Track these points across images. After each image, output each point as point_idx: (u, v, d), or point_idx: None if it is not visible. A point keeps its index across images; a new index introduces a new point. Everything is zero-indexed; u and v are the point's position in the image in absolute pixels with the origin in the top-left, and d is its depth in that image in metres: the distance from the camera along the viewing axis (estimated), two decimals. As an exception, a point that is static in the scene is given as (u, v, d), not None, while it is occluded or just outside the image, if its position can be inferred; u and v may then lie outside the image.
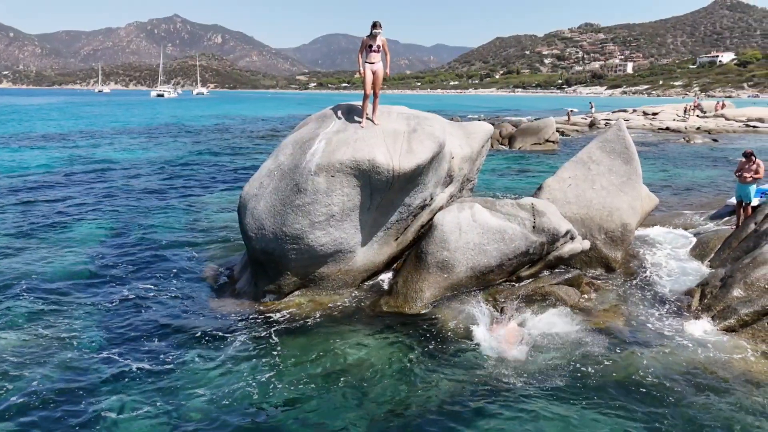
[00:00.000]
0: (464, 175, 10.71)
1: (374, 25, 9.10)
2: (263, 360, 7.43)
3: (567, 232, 9.66)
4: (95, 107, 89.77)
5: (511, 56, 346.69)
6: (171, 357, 7.52)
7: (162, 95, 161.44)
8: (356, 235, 9.13)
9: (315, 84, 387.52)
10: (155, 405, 6.39)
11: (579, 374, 7.00)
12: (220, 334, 8.22)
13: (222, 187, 20.59)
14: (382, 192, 8.87)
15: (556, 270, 9.77)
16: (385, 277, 9.87)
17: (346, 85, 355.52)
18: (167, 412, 6.27)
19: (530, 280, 9.39)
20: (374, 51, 9.23)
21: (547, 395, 6.54)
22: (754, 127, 44.57)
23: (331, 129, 9.24)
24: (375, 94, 9.34)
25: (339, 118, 9.54)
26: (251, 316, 8.91)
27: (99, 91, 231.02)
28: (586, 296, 9.37)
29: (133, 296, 9.67)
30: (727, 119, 47.40)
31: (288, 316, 8.90)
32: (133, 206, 16.83)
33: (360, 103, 9.65)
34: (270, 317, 8.85)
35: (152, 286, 10.15)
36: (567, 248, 9.62)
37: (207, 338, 8.07)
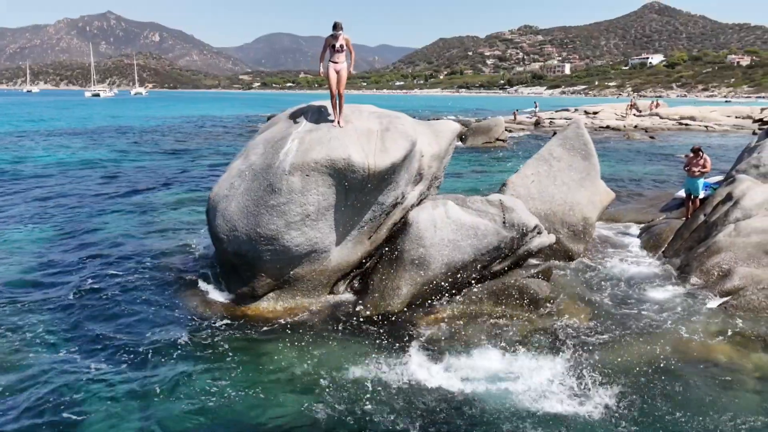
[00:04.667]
0: (433, 173, 10.81)
1: (335, 26, 9.07)
2: (236, 366, 7.21)
3: (535, 227, 9.91)
4: (26, 108, 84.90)
5: (454, 57, 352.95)
6: (133, 366, 7.19)
7: (98, 95, 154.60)
8: (331, 235, 9.06)
9: (259, 84, 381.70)
10: (114, 414, 6.16)
11: (556, 368, 7.14)
12: (191, 340, 7.91)
13: (174, 189, 19.93)
14: (357, 191, 8.85)
15: (525, 264, 10.03)
16: (360, 277, 9.84)
17: (291, 84, 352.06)
18: (126, 422, 6.04)
19: (503, 274, 9.59)
20: (338, 51, 9.20)
21: (532, 392, 6.62)
22: (686, 125, 47.22)
23: (302, 128, 9.13)
24: (339, 94, 9.26)
25: (309, 117, 9.44)
26: (223, 321, 8.66)
27: (27, 91, 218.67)
28: (555, 288, 9.66)
29: (89, 304, 9.13)
30: (661, 118, 49.97)
31: (262, 318, 8.74)
32: (80, 210, 16.02)
33: (328, 102, 9.59)
34: (243, 321, 8.64)
35: (109, 293, 9.59)
36: (536, 242, 9.88)
37: (175, 345, 7.73)
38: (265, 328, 8.39)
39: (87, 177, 22.07)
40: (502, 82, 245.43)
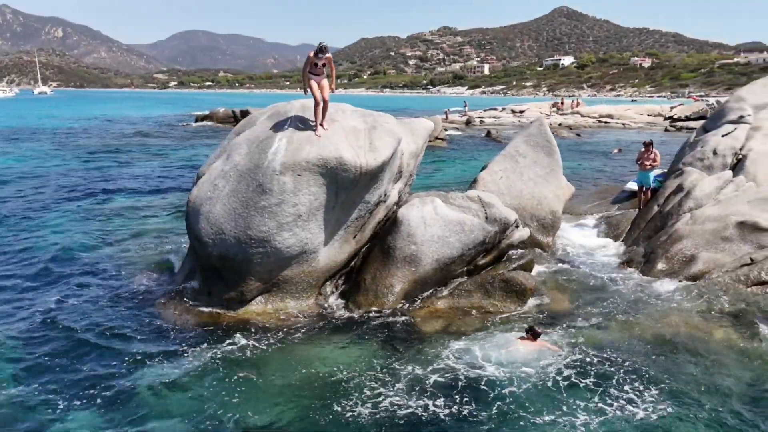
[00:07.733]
0: (410, 171, 10.88)
1: (321, 50, 8.87)
2: (229, 374, 6.98)
3: (515, 221, 10.22)
4: None
5: (376, 57, 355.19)
6: (119, 383, 6.81)
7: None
8: (320, 235, 8.90)
9: (176, 83, 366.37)
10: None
11: (552, 361, 7.37)
12: (176, 351, 7.55)
13: (113, 195, 18.73)
14: (348, 190, 8.75)
15: (507, 257, 10.31)
16: (347, 276, 9.73)
17: (210, 83, 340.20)
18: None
19: (488, 268, 9.81)
20: (319, 69, 8.99)
21: (532, 387, 6.82)
22: (605, 122, 50.24)
23: (288, 127, 8.89)
24: (325, 101, 9.02)
25: (293, 116, 9.19)
26: (209, 329, 8.31)
27: None
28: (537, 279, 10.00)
29: (61, 326, 8.30)
30: (582, 116, 52.82)
31: (252, 324, 8.46)
32: (23, 222, 14.67)
33: (310, 101, 9.37)
34: (232, 327, 8.33)
35: (82, 313, 8.82)
36: (516, 235, 10.19)
37: (160, 358, 7.36)
38: (255, 333, 8.13)
39: (15, 184, 20.28)
40: (424, 82, 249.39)
